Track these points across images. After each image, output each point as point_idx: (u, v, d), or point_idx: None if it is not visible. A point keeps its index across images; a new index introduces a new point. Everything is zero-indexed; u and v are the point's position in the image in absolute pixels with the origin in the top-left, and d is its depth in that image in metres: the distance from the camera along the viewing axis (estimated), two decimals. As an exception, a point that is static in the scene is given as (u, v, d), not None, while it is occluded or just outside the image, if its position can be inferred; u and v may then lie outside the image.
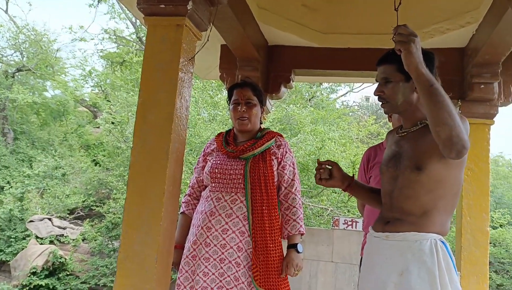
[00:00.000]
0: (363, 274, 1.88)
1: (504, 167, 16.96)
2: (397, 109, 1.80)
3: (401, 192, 1.72)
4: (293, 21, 3.82)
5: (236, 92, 2.47)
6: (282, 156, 2.44)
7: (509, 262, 11.75)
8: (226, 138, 2.49)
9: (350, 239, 4.53)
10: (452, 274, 1.61)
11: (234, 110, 2.44)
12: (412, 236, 1.65)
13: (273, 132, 2.52)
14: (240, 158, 2.38)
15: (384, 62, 1.80)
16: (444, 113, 1.48)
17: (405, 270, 1.63)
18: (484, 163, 3.75)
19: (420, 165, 1.66)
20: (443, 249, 1.64)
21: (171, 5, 2.38)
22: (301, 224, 2.43)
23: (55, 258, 12.18)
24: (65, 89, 17.95)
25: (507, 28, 2.91)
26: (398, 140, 1.83)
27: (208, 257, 2.27)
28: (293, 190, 2.45)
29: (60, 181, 14.72)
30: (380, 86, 1.80)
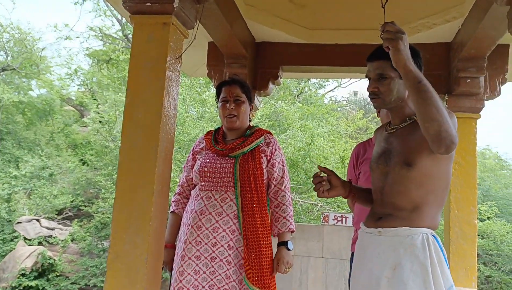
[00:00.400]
0: (355, 270, 1.88)
1: (491, 160, 17.16)
2: (389, 104, 1.80)
3: (392, 188, 1.73)
4: (280, 17, 3.82)
5: (225, 89, 2.46)
6: (271, 153, 2.44)
7: (497, 254, 11.91)
8: (215, 137, 2.48)
9: (340, 234, 4.56)
10: (444, 268, 1.63)
11: (222, 107, 2.43)
12: (404, 231, 1.67)
13: (262, 129, 2.52)
14: (230, 156, 2.37)
15: (378, 57, 1.78)
16: (433, 109, 1.49)
17: (397, 264, 1.65)
18: (471, 157, 3.78)
19: (410, 161, 1.67)
20: (435, 243, 1.66)
21: (157, 3, 2.36)
22: (291, 222, 2.44)
23: (44, 259, 12.07)
24: (51, 88, 17.76)
25: (492, 23, 2.93)
26: (387, 137, 1.84)
27: (199, 255, 2.27)
28: (283, 187, 2.46)
29: (47, 182, 14.58)
30: (374, 82, 1.79)
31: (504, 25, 2.54)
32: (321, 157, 10.89)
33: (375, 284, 1.69)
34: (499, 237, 11.92)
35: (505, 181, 15.30)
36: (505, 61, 3.83)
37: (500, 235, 11.90)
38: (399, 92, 1.76)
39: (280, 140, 10.89)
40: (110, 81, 14.00)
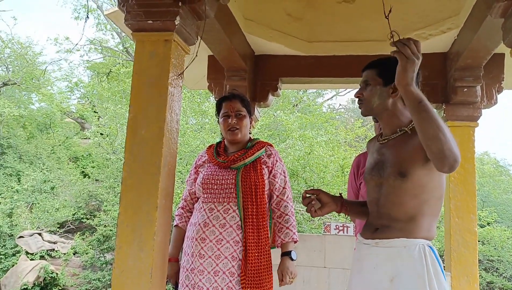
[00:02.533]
0: (352, 281, 1.89)
1: (489, 166, 17.15)
2: (372, 111, 1.86)
3: (387, 199, 1.76)
4: (278, 30, 3.88)
5: (225, 104, 2.50)
6: (272, 165, 2.48)
7: (498, 260, 11.88)
8: (217, 150, 2.52)
9: (342, 244, 4.57)
10: (440, 279, 1.65)
11: (224, 122, 2.47)
12: (401, 242, 1.69)
13: (263, 142, 2.55)
14: (231, 168, 2.41)
15: (368, 67, 1.88)
16: (435, 128, 1.50)
17: (395, 276, 1.67)
18: (470, 165, 3.82)
19: (404, 172, 1.70)
20: (431, 254, 1.68)
21: (158, 21, 2.41)
22: (294, 232, 2.46)
23: (46, 273, 12.04)
24: (51, 101, 17.81)
25: (487, 34, 2.99)
26: (379, 148, 1.88)
27: (203, 269, 2.28)
28: (285, 198, 2.49)
29: (49, 195, 14.57)
30: (360, 89, 1.88)
31: (499, 36, 2.59)
32: (320, 166, 10.92)
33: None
34: (499, 243, 11.90)
35: (504, 187, 15.29)
36: (501, 70, 3.89)
37: (500, 241, 11.88)
38: (380, 99, 1.81)
39: (279, 149, 10.92)
40: (111, 94, 14.06)
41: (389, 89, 1.79)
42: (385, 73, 1.80)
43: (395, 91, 1.78)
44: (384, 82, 1.80)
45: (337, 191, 11.07)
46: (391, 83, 1.78)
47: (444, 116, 3.95)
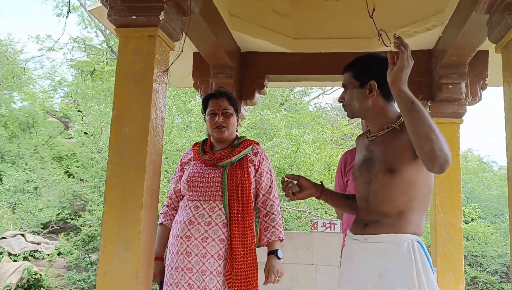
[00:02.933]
0: (342, 277, 1.90)
1: (473, 162, 17.35)
2: (355, 114, 1.88)
3: (376, 196, 1.76)
4: (265, 27, 3.86)
5: (212, 103, 2.46)
6: (259, 163, 2.46)
7: (482, 255, 12.04)
8: (203, 147, 2.49)
9: (329, 241, 4.58)
10: (429, 273, 1.65)
11: (211, 120, 2.44)
12: (390, 237, 1.69)
13: (250, 140, 2.53)
14: (218, 166, 2.38)
15: (345, 70, 1.88)
16: (426, 128, 1.51)
17: (383, 271, 1.67)
18: (454, 161, 3.85)
19: (392, 169, 1.70)
20: (420, 249, 1.68)
21: (142, 16, 2.37)
22: (280, 230, 2.45)
23: (30, 274, 11.85)
24: (34, 100, 17.55)
25: (472, 31, 3.00)
26: (368, 145, 1.88)
27: (191, 267, 2.25)
28: (271, 197, 2.48)
29: (32, 195, 14.35)
30: (342, 93, 1.90)
31: (484, 33, 2.61)
32: (307, 164, 10.94)
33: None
34: (483, 238, 12.06)
35: (487, 183, 15.48)
36: (485, 67, 3.92)
37: (484, 236, 12.04)
38: (359, 101, 1.81)
39: (266, 148, 10.91)
40: (95, 93, 13.90)
41: (365, 90, 1.80)
42: (359, 74, 1.82)
43: (371, 91, 1.78)
44: (360, 83, 1.81)
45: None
46: (366, 83, 1.79)
47: (430, 113, 3.97)
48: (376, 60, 1.82)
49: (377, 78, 1.78)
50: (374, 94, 1.78)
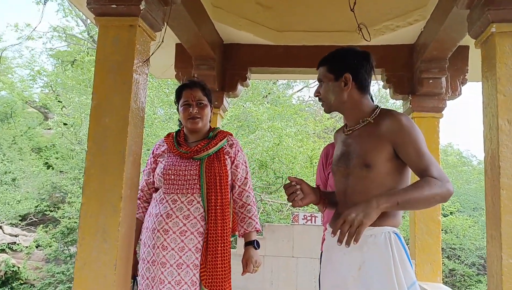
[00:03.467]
0: (323, 271, 1.91)
1: (453, 157, 17.64)
2: (332, 108, 1.88)
3: (353, 189, 1.77)
4: (247, 19, 3.83)
5: (186, 93, 2.42)
6: (235, 155, 2.45)
7: (459, 248, 12.28)
8: (177, 139, 2.45)
9: (310, 234, 4.60)
10: (406, 265, 1.68)
11: (185, 111, 2.40)
12: (367, 231, 1.69)
13: (224, 131, 2.52)
14: (194, 159, 2.35)
15: (319, 64, 1.89)
16: (426, 203, 1.63)
17: (362, 263, 1.69)
18: (434, 155, 3.87)
19: (369, 163, 1.72)
20: (397, 241, 1.70)
21: (123, 5, 2.33)
22: (256, 221, 2.47)
23: (8, 267, 11.70)
24: (12, 90, 17.19)
25: (453, 26, 3.03)
26: (345, 139, 1.89)
27: (165, 261, 2.22)
28: (247, 188, 2.48)
29: (10, 187, 14.10)
30: (317, 87, 1.90)
31: (464, 28, 2.63)
32: (289, 157, 10.97)
33: (342, 283, 1.73)
34: (461, 231, 12.30)
35: (466, 177, 15.76)
36: (466, 62, 3.97)
37: (462, 229, 12.28)
38: (335, 94, 1.83)
39: (248, 140, 10.90)
40: (75, 83, 13.68)
41: (340, 83, 1.81)
42: (334, 67, 1.83)
43: (346, 84, 1.80)
44: (335, 77, 1.82)
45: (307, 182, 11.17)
46: (341, 76, 1.80)
47: (410, 107, 4.01)
48: (349, 53, 1.84)
49: (351, 71, 1.80)
50: (350, 87, 1.80)
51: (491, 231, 2.25)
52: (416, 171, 1.70)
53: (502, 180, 2.17)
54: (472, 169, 16.77)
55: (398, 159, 1.72)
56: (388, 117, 1.74)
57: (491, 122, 2.28)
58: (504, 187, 2.16)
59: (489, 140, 2.30)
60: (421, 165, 1.67)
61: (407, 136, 1.68)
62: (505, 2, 2.24)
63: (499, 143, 2.19)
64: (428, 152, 1.70)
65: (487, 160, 2.32)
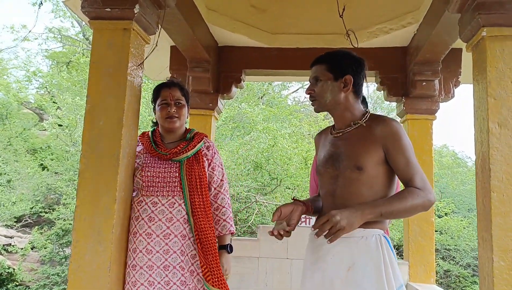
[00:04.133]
0: (306, 272, 1.89)
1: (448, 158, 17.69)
2: (325, 107, 1.88)
3: (343, 191, 1.78)
4: (242, 22, 3.86)
5: (164, 92, 2.41)
6: (211, 157, 2.46)
7: (454, 249, 12.31)
8: (153, 140, 2.42)
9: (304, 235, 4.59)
10: (395, 267, 1.71)
11: (163, 110, 2.38)
12: (358, 232, 1.71)
13: (201, 133, 2.52)
14: (173, 160, 2.34)
15: (316, 62, 1.89)
16: (407, 213, 1.71)
17: (352, 265, 1.70)
18: (427, 157, 3.93)
19: (360, 166, 1.74)
20: (386, 243, 1.73)
21: (117, 9, 2.35)
22: (231, 224, 2.47)
23: (3, 268, 11.64)
24: (7, 91, 17.13)
25: (445, 29, 3.06)
26: (333, 141, 1.89)
27: (151, 264, 2.22)
28: (222, 190, 2.49)
29: (5, 188, 14.03)
30: (311, 85, 1.89)
31: (456, 31, 2.66)
32: (284, 158, 10.98)
33: (328, 285, 1.73)
34: (456, 232, 12.33)
35: (461, 178, 15.82)
36: (459, 64, 4.01)
37: (457, 230, 12.31)
38: (332, 94, 1.83)
39: (244, 142, 10.91)
40: (71, 84, 13.66)
41: (340, 84, 1.82)
42: (334, 67, 1.83)
43: (346, 85, 1.81)
44: (334, 76, 1.83)
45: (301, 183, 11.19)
46: (341, 77, 1.81)
47: (404, 109, 4.04)
48: (351, 57, 1.86)
49: (352, 74, 1.82)
50: (349, 88, 1.81)
51: (482, 233, 2.28)
52: (401, 178, 1.75)
53: (493, 183, 2.19)
54: (467, 170, 16.83)
55: (387, 165, 1.75)
56: (381, 122, 1.76)
57: (481, 125, 2.31)
58: (494, 189, 2.19)
59: (480, 143, 2.32)
60: (407, 174, 1.72)
61: (398, 142, 1.72)
62: (495, 7, 2.27)
63: (489, 146, 2.22)
64: (415, 160, 1.74)
65: (478, 162, 2.35)
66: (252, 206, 10.87)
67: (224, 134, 11.93)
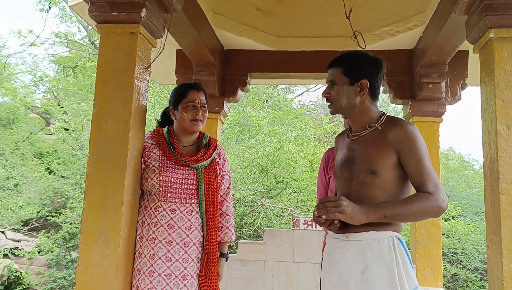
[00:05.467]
0: (325, 275, 1.91)
1: (454, 161, 17.61)
2: (341, 110, 1.87)
3: (357, 194, 1.77)
4: (247, 25, 3.86)
5: (192, 94, 2.36)
6: (222, 165, 2.47)
7: (462, 252, 12.22)
8: (170, 142, 2.35)
9: (311, 238, 4.60)
10: (409, 269, 1.69)
11: (189, 111, 2.33)
12: (371, 235, 1.71)
13: (213, 138, 2.51)
14: (190, 167, 2.32)
15: (333, 65, 1.88)
16: (414, 218, 1.70)
17: (365, 268, 1.70)
18: (434, 160, 3.91)
19: (375, 170, 1.73)
20: (400, 246, 1.72)
21: (124, 13, 2.36)
22: (233, 232, 2.48)
23: (10, 272, 11.69)
24: (15, 96, 17.25)
25: (451, 31, 3.05)
26: (350, 144, 1.89)
27: (170, 273, 2.20)
28: (228, 198, 2.50)
29: (12, 192, 14.11)
30: (327, 88, 1.88)
31: (463, 33, 2.65)
32: (290, 161, 10.97)
33: (344, 287, 1.73)
34: (463, 236, 12.24)
35: (468, 181, 15.72)
36: (465, 67, 3.99)
37: (464, 234, 12.22)
38: (348, 98, 1.82)
39: (249, 145, 10.92)
40: (77, 88, 13.72)
41: (356, 88, 1.81)
42: (350, 71, 1.82)
43: (362, 90, 1.80)
44: (350, 81, 1.82)
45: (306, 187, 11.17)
46: (357, 81, 1.80)
47: (410, 112, 4.03)
48: (368, 59, 1.84)
49: (368, 77, 1.81)
50: (365, 93, 1.80)
51: (491, 236, 2.26)
52: (413, 183, 1.73)
53: (501, 185, 2.18)
54: (474, 174, 16.73)
55: (401, 169, 1.74)
56: (396, 125, 1.76)
57: (489, 127, 2.29)
58: (503, 192, 2.17)
59: (488, 145, 2.31)
60: (419, 178, 1.70)
61: (411, 146, 1.71)
62: (503, 8, 2.26)
63: (497, 148, 2.20)
64: (429, 165, 1.72)
65: (486, 165, 2.33)
66: (258, 209, 10.86)
67: (229, 137, 11.93)
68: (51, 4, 14.83)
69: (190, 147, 2.40)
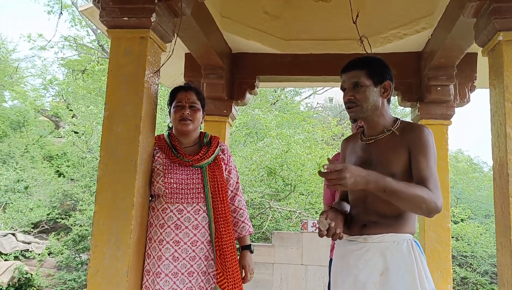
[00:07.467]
0: (337, 278, 1.90)
1: (463, 163, 17.50)
2: (366, 112, 1.85)
3: (375, 197, 1.76)
4: (255, 29, 3.88)
5: (180, 95, 2.42)
6: (227, 161, 2.49)
7: (471, 255, 12.13)
8: (172, 144, 2.40)
9: (319, 241, 4.60)
10: (427, 272, 1.71)
11: (177, 112, 2.39)
12: (390, 237, 1.73)
13: (215, 136, 2.54)
14: (194, 166, 2.35)
15: (353, 68, 1.86)
16: (409, 203, 1.64)
17: (385, 270, 1.71)
18: (443, 162, 3.89)
19: (394, 173, 1.74)
20: (417, 248, 1.74)
21: (134, 18, 2.39)
22: (249, 225, 2.51)
23: (21, 274, 11.78)
24: (25, 99, 17.42)
25: (460, 34, 3.04)
26: (365, 147, 1.90)
27: (177, 272, 2.23)
28: (238, 192, 2.53)
29: (23, 195, 14.25)
30: (350, 91, 1.85)
31: (471, 36, 2.65)
32: (298, 164, 10.97)
33: (361, 289, 1.73)
34: (473, 238, 12.15)
35: (477, 184, 15.62)
36: (474, 69, 3.97)
37: (474, 237, 12.14)
38: (374, 99, 1.83)
39: (257, 148, 10.93)
40: (86, 92, 13.83)
41: (380, 89, 1.83)
42: (374, 73, 1.83)
43: (386, 91, 1.82)
44: (374, 82, 1.83)
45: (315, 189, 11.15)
46: (380, 83, 1.82)
47: (419, 114, 4.02)
48: (386, 64, 1.88)
49: (391, 80, 1.85)
50: (389, 94, 1.82)
51: (501, 239, 2.25)
52: (415, 177, 1.73)
53: (511, 188, 2.17)
54: (483, 176, 16.62)
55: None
56: (413, 129, 1.79)
57: (499, 130, 2.29)
58: (512, 194, 2.17)
59: (497, 148, 2.30)
60: (423, 174, 1.71)
61: (422, 146, 1.73)
62: (511, 11, 2.26)
63: (507, 150, 2.20)
64: (435, 168, 1.73)
65: (496, 167, 2.33)
66: (266, 212, 10.86)
67: (237, 140, 11.96)
68: (62, 9, 14.96)
69: (192, 148, 2.43)
